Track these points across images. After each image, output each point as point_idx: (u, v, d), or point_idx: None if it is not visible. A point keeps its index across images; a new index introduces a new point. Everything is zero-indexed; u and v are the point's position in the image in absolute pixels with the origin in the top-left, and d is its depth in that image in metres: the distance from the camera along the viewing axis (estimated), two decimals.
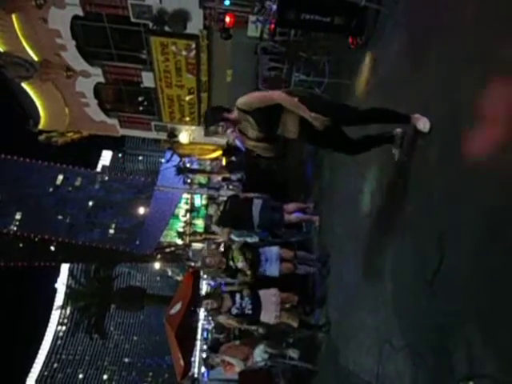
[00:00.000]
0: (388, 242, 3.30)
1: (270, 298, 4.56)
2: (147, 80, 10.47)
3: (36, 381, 45.25)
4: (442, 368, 2.34)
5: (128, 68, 10.52)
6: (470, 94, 2.43)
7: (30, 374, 45.40)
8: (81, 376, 47.97)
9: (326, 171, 5.52)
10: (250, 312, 4.50)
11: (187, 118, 11.46)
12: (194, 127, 11.73)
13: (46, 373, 46.28)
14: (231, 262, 4.91)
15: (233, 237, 5.55)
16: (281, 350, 5.13)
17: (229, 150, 10.83)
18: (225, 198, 6.14)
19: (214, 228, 5.50)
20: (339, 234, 4.69)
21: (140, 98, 11.54)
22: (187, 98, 10.85)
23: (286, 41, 6.29)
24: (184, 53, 9.69)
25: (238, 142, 2.80)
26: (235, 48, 8.42)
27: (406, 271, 2.97)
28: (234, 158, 11.68)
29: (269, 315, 4.50)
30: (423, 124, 2.80)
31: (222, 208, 5.16)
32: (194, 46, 9.46)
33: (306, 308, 5.14)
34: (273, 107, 2.85)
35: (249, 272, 4.78)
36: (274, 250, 4.94)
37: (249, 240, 5.12)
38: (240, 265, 4.84)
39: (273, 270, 4.85)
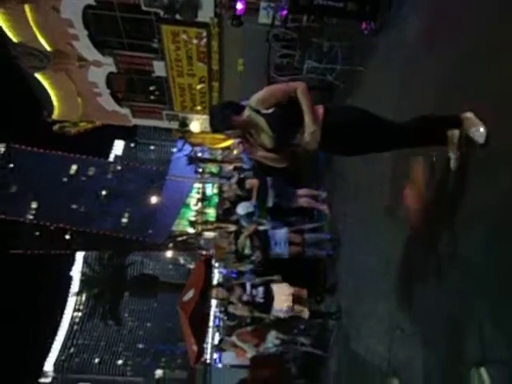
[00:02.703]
0: (400, 231, 3.28)
1: (282, 291, 4.60)
2: (159, 69, 10.48)
3: (54, 365, 46.64)
4: (454, 354, 2.36)
5: (139, 57, 10.55)
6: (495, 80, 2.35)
7: (48, 359, 46.80)
8: (96, 361, 49.22)
9: (338, 159, 5.49)
10: (261, 300, 4.56)
11: (198, 107, 11.48)
12: (205, 116, 11.74)
13: (62, 357, 47.62)
14: (240, 249, 4.99)
15: (242, 223, 5.63)
16: (292, 336, 5.19)
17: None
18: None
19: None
20: (351, 221, 4.69)
21: (152, 88, 11.58)
22: (198, 87, 10.85)
23: (299, 27, 6.21)
24: (195, 41, 9.67)
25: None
26: (246, 35, 8.35)
27: (418, 258, 2.97)
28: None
29: (280, 307, 4.55)
30: (476, 131, 2.24)
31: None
32: (204, 34, 9.43)
33: (316, 297, 5.18)
34: (294, 107, 2.34)
35: (260, 257, 4.85)
36: (282, 233, 5.02)
37: (260, 227, 5.19)
38: (247, 252, 4.92)
39: (282, 251, 4.93)
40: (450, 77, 2.84)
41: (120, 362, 49.60)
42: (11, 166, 38.13)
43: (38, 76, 10.62)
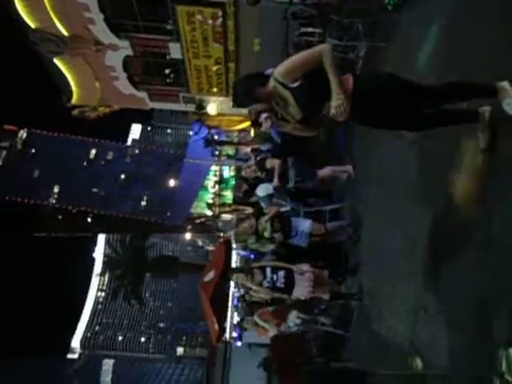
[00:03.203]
0: (426, 211, 3.23)
1: (304, 278, 4.61)
2: (174, 51, 10.40)
3: (80, 341, 48.75)
4: (480, 334, 2.35)
5: (155, 40, 10.48)
6: None
7: (74, 336, 48.96)
8: (120, 338, 51.14)
9: (359, 138, 5.39)
10: (281, 286, 4.60)
11: (215, 89, 11.38)
12: (221, 98, 11.66)
13: (88, 334, 49.69)
14: (260, 231, 5.02)
15: (263, 204, 5.64)
16: (313, 316, 5.25)
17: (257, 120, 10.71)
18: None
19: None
20: (373, 202, 4.64)
21: (168, 70, 11.53)
22: (214, 69, 10.74)
23: (318, 4, 6.02)
24: (210, 21, 9.52)
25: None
26: (263, 14, 8.16)
27: (445, 238, 2.93)
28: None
29: (301, 292, 4.57)
30: (510, 103, 2.13)
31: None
32: (220, 13, 9.26)
33: (338, 278, 5.19)
34: (319, 76, 2.23)
35: (280, 237, 4.86)
36: (306, 226, 4.93)
37: (281, 209, 5.19)
38: (266, 235, 4.93)
39: (301, 242, 4.92)
40: (477, 52, 2.73)
41: (142, 339, 51.41)
42: (33, 151, 39.05)
43: (56, 61, 10.70)
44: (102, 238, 41.62)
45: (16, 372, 41.23)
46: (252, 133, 14.37)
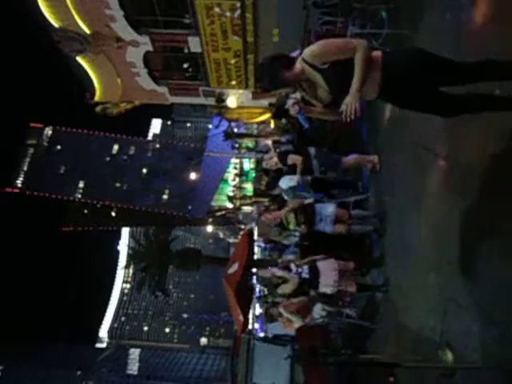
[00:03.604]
0: (456, 202, 3.16)
1: (328, 266, 4.60)
2: (194, 45, 10.44)
3: (108, 331, 50.41)
4: None
5: (175, 34, 10.54)
6: None
7: (102, 326, 50.60)
8: (145, 328, 52.56)
9: (383, 126, 5.29)
10: (307, 276, 4.61)
11: (234, 82, 11.37)
12: (241, 91, 11.65)
13: (115, 325, 51.30)
14: (285, 223, 5.03)
15: (285, 197, 5.64)
16: (338, 308, 5.24)
17: (278, 112, 10.67)
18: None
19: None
20: (399, 193, 4.56)
21: (187, 64, 11.58)
22: (233, 61, 10.72)
23: None
24: (228, 14, 9.48)
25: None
26: (282, 4, 8.07)
27: (474, 229, 2.86)
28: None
29: (328, 280, 4.56)
30: None
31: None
32: (238, 5, 9.21)
33: (362, 269, 5.15)
34: (350, 62, 2.20)
35: (304, 229, 4.86)
36: (329, 210, 4.89)
37: (305, 201, 5.17)
38: (292, 227, 4.93)
39: (326, 228, 4.90)
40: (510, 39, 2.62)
41: (167, 330, 52.63)
42: (58, 147, 40.18)
43: (78, 59, 10.91)
44: (126, 232, 42.66)
45: (47, 361, 42.99)
46: (272, 124, 14.31)
